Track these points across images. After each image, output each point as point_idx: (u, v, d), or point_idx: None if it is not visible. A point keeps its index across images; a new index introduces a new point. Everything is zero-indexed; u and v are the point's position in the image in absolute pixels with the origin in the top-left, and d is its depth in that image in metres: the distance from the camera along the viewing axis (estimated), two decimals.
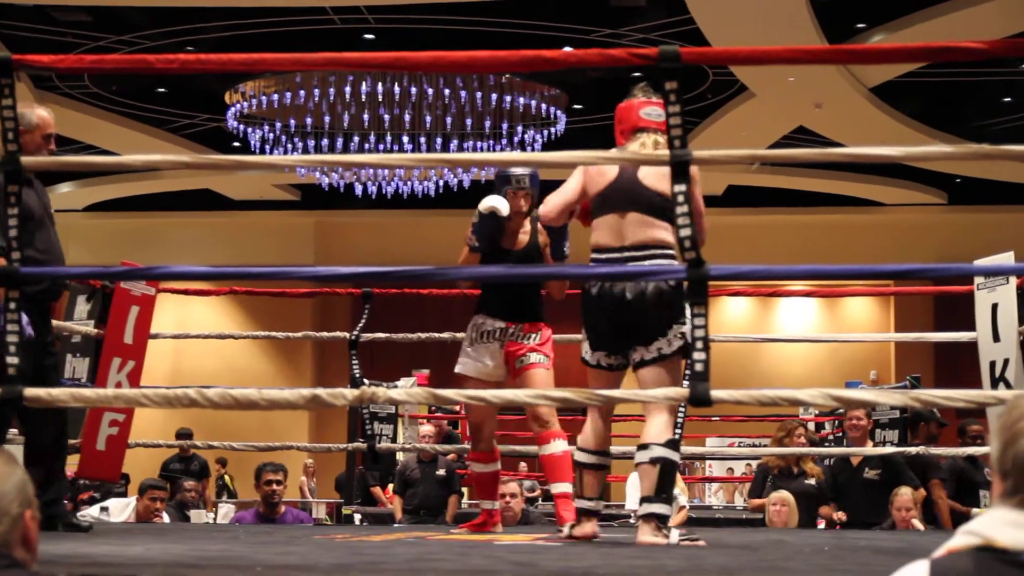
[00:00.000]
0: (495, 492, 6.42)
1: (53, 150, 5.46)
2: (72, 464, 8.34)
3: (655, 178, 5.10)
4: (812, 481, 9.04)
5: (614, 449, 5.84)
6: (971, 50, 3.69)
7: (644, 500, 5.07)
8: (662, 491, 5.01)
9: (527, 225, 6.22)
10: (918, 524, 8.33)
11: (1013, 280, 6.77)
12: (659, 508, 4.99)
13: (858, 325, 20.96)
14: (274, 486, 8.84)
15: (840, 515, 8.74)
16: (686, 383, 3.54)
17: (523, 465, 16.43)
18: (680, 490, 9.64)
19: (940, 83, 16.20)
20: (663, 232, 5.09)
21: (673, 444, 5.12)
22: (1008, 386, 6.56)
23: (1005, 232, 15.91)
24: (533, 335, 6.09)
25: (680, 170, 3.54)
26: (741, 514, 10.32)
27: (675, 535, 5.14)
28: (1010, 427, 2.09)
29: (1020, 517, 2.02)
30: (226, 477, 16.74)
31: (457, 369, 6.13)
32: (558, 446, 6.03)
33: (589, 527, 5.30)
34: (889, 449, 8.75)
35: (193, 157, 3.76)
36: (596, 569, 3.83)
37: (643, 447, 5.07)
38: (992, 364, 6.67)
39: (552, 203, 5.45)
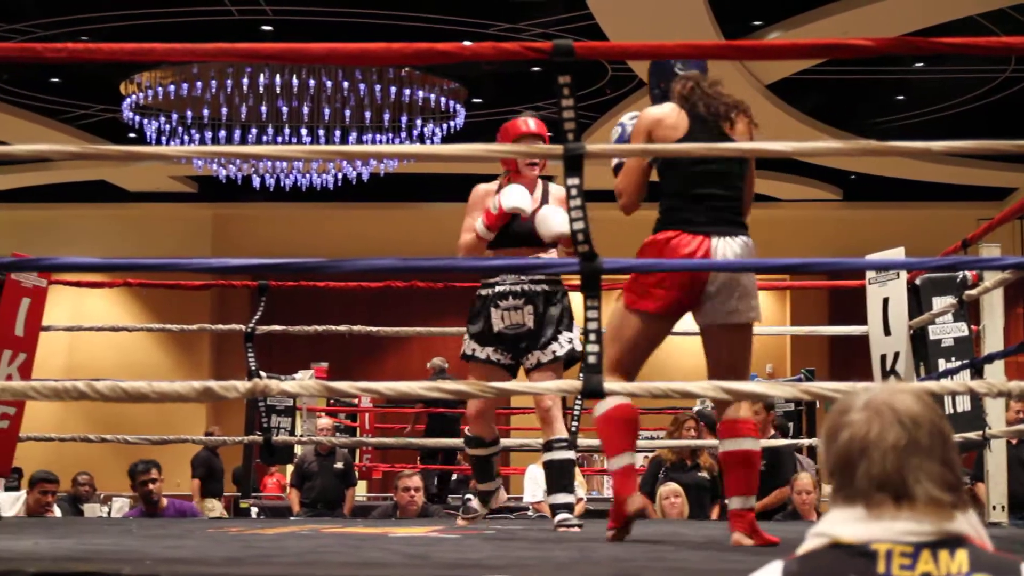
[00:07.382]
0: None
1: None
2: None
3: None
4: (705, 474, 9.09)
5: (512, 442, 5.87)
6: (861, 47, 3.74)
7: None
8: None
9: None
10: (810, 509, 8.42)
11: (903, 275, 6.87)
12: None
13: None
14: (149, 485, 8.77)
15: None
16: (580, 376, 3.53)
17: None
18: (578, 483, 9.70)
19: (835, 81, 16.40)
20: None
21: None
22: (898, 378, 6.66)
23: (897, 228, 16.13)
24: None
25: (573, 164, 3.54)
26: None
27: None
28: (831, 425, 2.09)
29: (854, 513, 2.03)
30: None
31: None
32: None
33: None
34: (781, 441, 8.84)
35: (81, 147, 3.70)
36: (488, 561, 3.84)
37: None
38: (883, 357, 6.76)
39: None
